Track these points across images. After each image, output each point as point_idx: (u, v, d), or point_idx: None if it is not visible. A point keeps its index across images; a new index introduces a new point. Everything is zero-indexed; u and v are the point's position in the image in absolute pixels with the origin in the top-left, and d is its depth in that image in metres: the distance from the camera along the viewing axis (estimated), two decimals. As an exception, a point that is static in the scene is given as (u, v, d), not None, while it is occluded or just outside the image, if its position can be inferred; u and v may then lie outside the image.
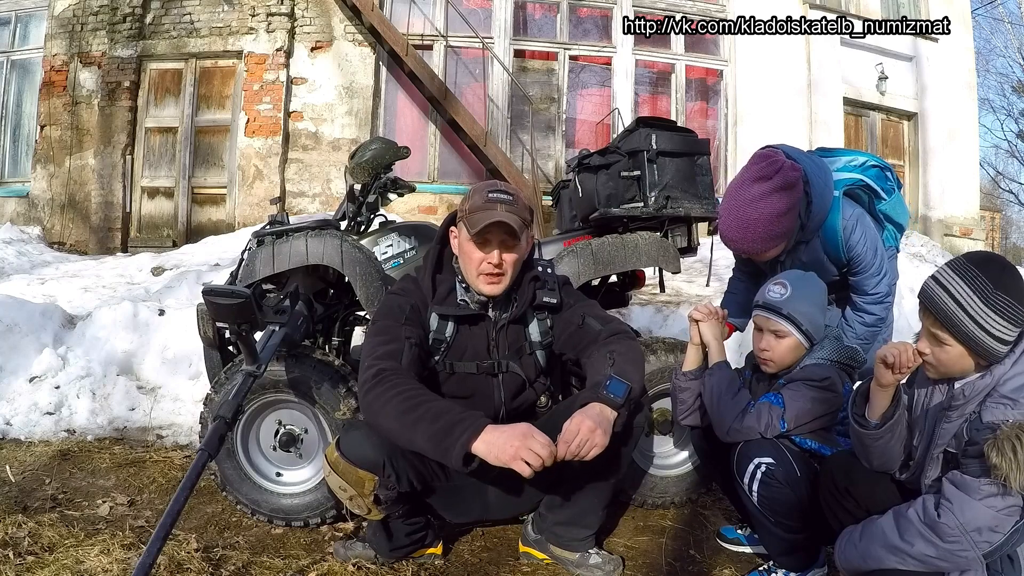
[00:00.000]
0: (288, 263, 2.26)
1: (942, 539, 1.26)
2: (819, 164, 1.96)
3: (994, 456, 1.19)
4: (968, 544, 1.25)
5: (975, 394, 1.32)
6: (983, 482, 1.24)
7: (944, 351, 1.34)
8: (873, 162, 2.10)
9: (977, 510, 1.24)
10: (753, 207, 1.84)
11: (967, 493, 1.26)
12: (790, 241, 1.95)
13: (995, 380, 1.31)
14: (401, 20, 7.87)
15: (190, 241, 7.17)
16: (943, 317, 1.31)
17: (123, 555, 1.74)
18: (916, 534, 1.29)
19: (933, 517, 1.28)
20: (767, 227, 1.85)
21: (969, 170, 9.73)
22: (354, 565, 1.80)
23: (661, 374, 2.20)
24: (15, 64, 8.53)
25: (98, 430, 3.00)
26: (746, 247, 1.92)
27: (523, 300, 1.77)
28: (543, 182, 7.79)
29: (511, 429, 1.41)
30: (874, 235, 1.96)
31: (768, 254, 1.95)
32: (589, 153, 2.57)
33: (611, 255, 2.40)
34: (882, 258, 1.96)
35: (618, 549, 1.96)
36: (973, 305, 1.28)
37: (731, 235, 1.91)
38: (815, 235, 1.97)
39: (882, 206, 2.06)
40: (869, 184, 2.03)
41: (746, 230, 1.86)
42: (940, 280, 1.34)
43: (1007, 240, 29.65)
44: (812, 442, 1.71)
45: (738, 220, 1.87)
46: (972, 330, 1.29)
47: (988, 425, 1.26)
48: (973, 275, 1.30)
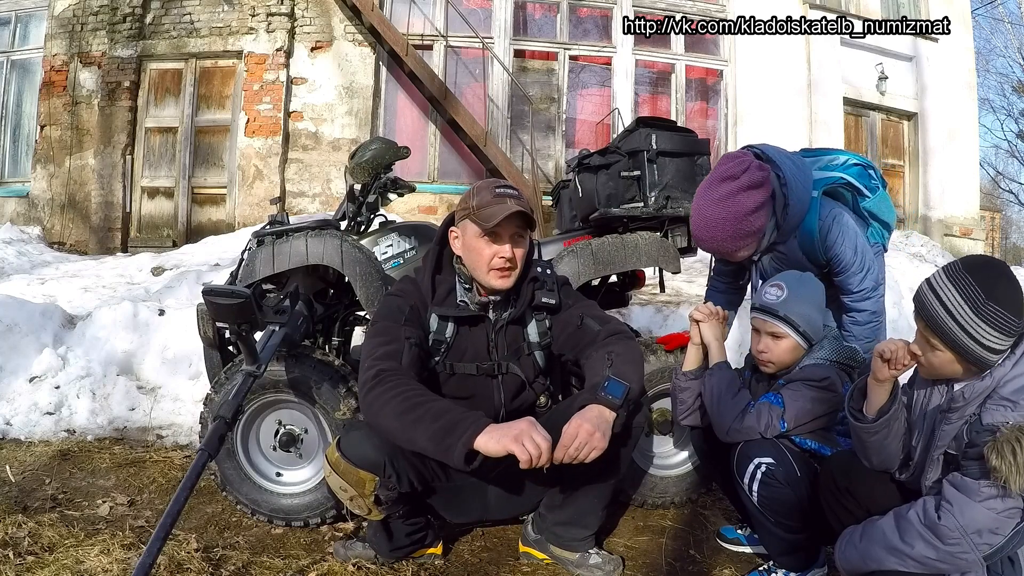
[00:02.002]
0: (288, 263, 2.27)
1: (942, 541, 1.26)
2: (799, 165, 1.95)
3: (994, 459, 1.20)
4: (968, 546, 1.25)
5: (975, 396, 1.32)
6: (983, 484, 1.24)
7: (935, 355, 1.35)
8: (855, 160, 2.09)
9: (977, 512, 1.24)
10: (720, 206, 1.84)
11: (967, 495, 1.26)
12: (761, 241, 1.94)
13: (995, 382, 1.31)
14: (401, 20, 7.87)
15: (190, 241, 7.17)
16: (933, 324, 1.32)
17: (123, 555, 1.74)
18: (916, 536, 1.29)
19: (933, 519, 1.28)
20: (735, 226, 1.84)
21: (969, 170, 9.73)
22: (354, 565, 1.80)
23: (661, 374, 2.20)
24: (15, 64, 8.53)
25: (98, 430, 3.00)
26: (715, 246, 1.92)
27: (522, 301, 1.78)
28: (543, 182, 7.79)
29: (515, 423, 1.43)
30: (853, 233, 1.94)
31: (739, 254, 1.94)
32: (589, 153, 2.57)
33: (611, 255, 2.40)
34: (863, 255, 1.93)
35: (618, 549, 1.96)
36: (963, 314, 1.29)
37: (700, 234, 1.92)
38: (792, 236, 1.96)
39: (866, 204, 2.05)
40: (851, 182, 2.01)
41: (714, 229, 1.86)
42: (933, 286, 1.34)
43: (1007, 240, 29.65)
44: (812, 442, 1.71)
45: (706, 219, 1.87)
46: (961, 338, 1.29)
47: (988, 427, 1.26)
48: (966, 283, 1.30)
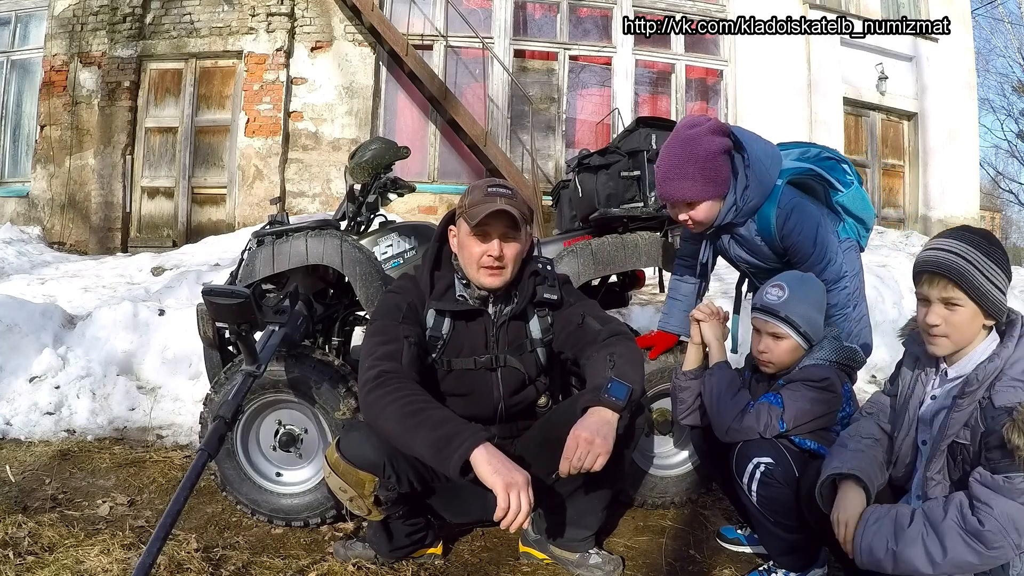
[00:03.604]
0: (288, 263, 2.27)
1: (987, 546, 1.22)
2: (768, 151, 1.93)
3: (1016, 437, 1.19)
4: (1011, 545, 1.22)
5: (986, 378, 1.31)
6: (1018, 480, 1.21)
7: (956, 313, 1.35)
8: (827, 153, 2.08)
9: (1015, 510, 1.21)
10: (688, 146, 1.84)
11: (1002, 494, 1.22)
12: (724, 208, 1.90)
13: (1003, 362, 1.31)
14: (401, 20, 7.87)
15: (190, 241, 7.18)
16: (956, 275, 1.33)
17: (123, 555, 1.74)
18: (960, 543, 1.24)
19: (975, 526, 1.23)
20: (703, 164, 1.83)
21: (969, 170, 9.74)
22: (354, 565, 1.81)
23: (660, 374, 2.20)
24: (15, 64, 8.53)
25: (98, 430, 3.00)
26: (685, 190, 1.87)
27: (524, 295, 1.78)
28: (543, 182, 7.79)
29: (516, 467, 1.38)
30: (813, 223, 1.89)
31: (702, 206, 1.88)
32: (589, 153, 2.57)
33: (611, 255, 2.40)
34: (824, 246, 1.89)
35: (618, 549, 1.96)
36: (979, 260, 1.33)
37: (670, 177, 1.87)
38: (750, 219, 1.94)
39: (839, 198, 2.03)
40: (821, 174, 1.99)
41: (684, 166, 1.84)
42: (940, 247, 1.37)
43: (1007, 240, 29.63)
44: (811, 442, 1.71)
45: (674, 161, 1.86)
46: (982, 283, 1.32)
47: (1002, 409, 1.25)
48: (963, 236, 1.37)
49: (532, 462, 1.63)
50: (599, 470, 1.47)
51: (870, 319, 2.11)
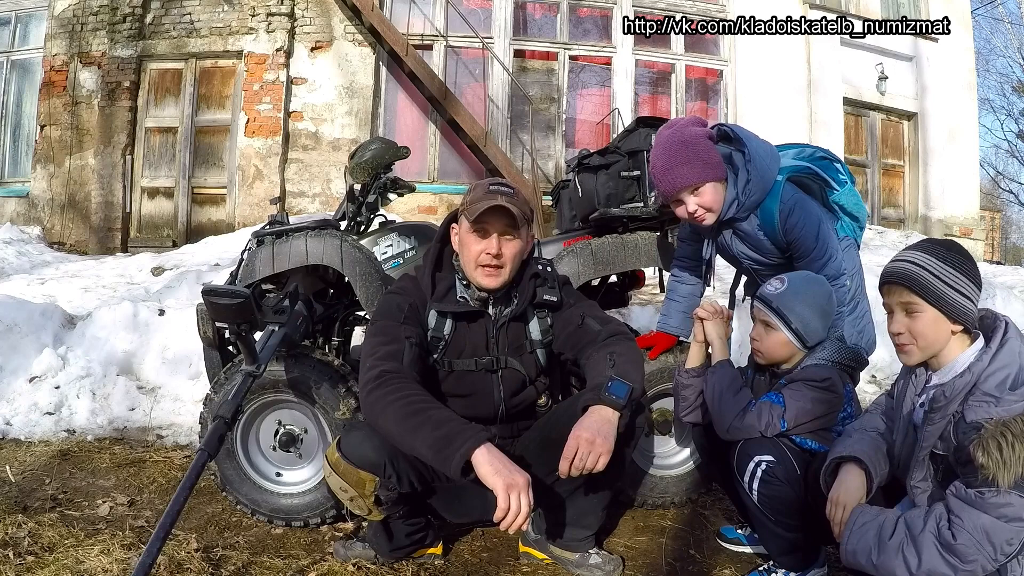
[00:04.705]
0: (288, 263, 2.26)
1: (962, 560, 1.23)
2: (767, 148, 1.96)
3: (980, 456, 1.18)
4: (986, 559, 1.22)
5: (956, 393, 1.31)
6: (989, 494, 1.21)
7: (918, 319, 1.36)
8: (822, 153, 2.11)
9: (987, 523, 1.21)
10: (674, 138, 1.89)
11: (975, 507, 1.22)
12: (726, 203, 1.92)
13: (975, 377, 1.30)
14: (401, 20, 7.87)
15: (190, 241, 7.18)
16: (910, 281, 1.35)
17: (123, 555, 1.74)
18: (936, 555, 1.25)
19: (948, 540, 1.24)
20: (694, 148, 1.86)
21: (969, 170, 9.74)
22: (354, 565, 1.80)
23: (660, 374, 2.20)
24: (15, 64, 8.54)
25: (98, 430, 3.00)
26: (684, 175, 1.88)
27: (524, 297, 1.78)
28: (543, 182, 7.79)
29: (517, 468, 1.39)
30: (815, 220, 1.93)
31: (706, 190, 1.89)
32: (589, 153, 2.57)
33: (611, 255, 2.40)
34: (825, 243, 1.93)
35: (618, 549, 1.96)
36: (935, 265, 1.35)
37: (667, 168, 1.89)
38: (752, 213, 1.96)
39: (835, 197, 2.07)
40: (818, 173, 2.02)
41: (676, 155, 1.87)
42: (898, 258, 1.41)
43: (1007, 240, 29.69)
44: (812, 442, 1.71)
45: (664, 155, 1.89)
46: (938, 287, 1.33)
47: (972, 425, 1.25)
48: (925, 246, 1.40)
49: (532, 462, 1.63)
50: (600, 470, 1.47)
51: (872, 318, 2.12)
